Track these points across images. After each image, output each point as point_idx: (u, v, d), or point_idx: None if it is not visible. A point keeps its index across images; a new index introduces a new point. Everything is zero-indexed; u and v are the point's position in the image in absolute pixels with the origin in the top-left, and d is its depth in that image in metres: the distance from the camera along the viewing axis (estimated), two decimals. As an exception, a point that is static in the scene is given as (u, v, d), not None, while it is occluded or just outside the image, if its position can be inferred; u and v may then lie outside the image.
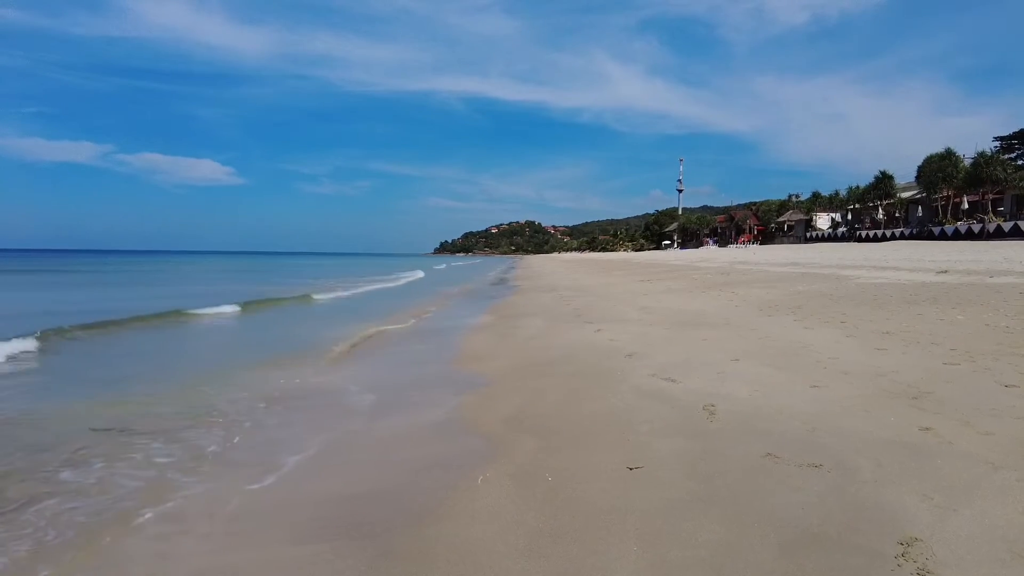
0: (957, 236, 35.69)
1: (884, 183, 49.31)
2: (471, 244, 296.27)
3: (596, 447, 3.79)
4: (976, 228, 35.40)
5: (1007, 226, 33.65)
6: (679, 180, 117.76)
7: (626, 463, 3.44)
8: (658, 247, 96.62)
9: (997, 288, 9.64)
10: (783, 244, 59.65)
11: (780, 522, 2.63)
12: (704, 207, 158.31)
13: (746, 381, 5.00)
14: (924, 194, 45.14)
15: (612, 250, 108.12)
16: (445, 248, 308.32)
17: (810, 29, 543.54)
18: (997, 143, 51.11)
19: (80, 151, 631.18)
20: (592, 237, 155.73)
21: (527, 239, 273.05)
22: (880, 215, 50.08)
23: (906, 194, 48.72)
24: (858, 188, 53.09)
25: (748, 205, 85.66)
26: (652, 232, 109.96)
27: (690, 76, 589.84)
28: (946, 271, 13.21)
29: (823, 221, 62.29)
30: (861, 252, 26.46)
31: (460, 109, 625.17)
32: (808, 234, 61.65)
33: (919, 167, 44.44)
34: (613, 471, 3.36)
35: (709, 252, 52.42)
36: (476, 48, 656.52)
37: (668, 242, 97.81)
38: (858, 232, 50.00)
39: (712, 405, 4.37)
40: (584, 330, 8.81)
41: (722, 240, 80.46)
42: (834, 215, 59.79)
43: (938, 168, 42.01)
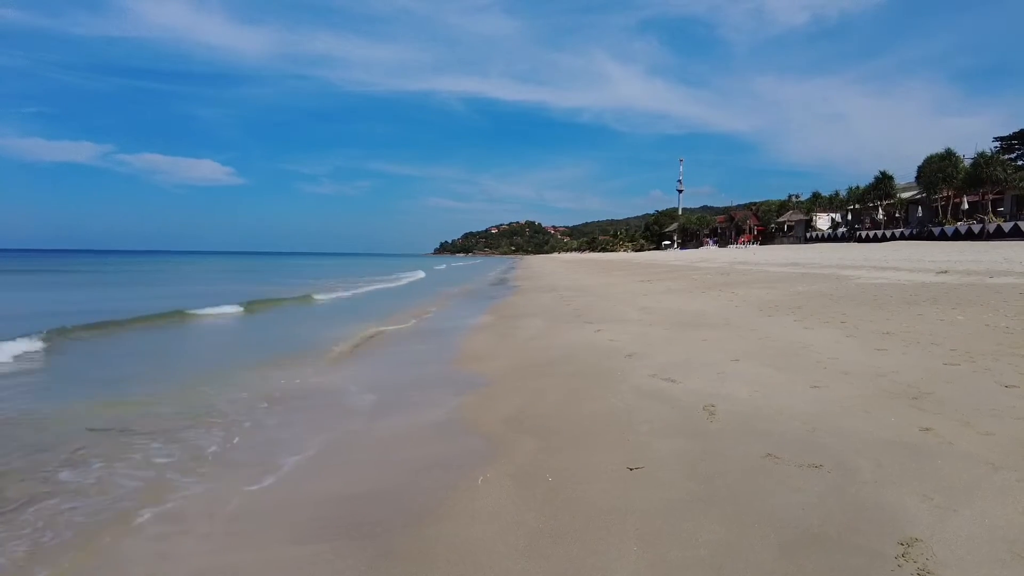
0: (957, 236, 35.71)
1: (884, 183, 49.33)
2: (471, 244, 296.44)
3: (596, 447, 3.79)
4: (976, 228, 35.42)
5: (1007, 226, 33.67)
6: (679, 180, 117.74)
7: (626, 463, 3.44)
8: (658, 247, 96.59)
9: (997, 288, 9.64)
10: (783, 244, 59.66)
11: (780, 522, 2.63)
12: (704, 207, 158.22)
13: (746, 381, 5.00)
14: (924, 194, 45.15)
15: (612, 250, 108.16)
16: (445, 248, 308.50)
17: (810, 29, 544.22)
18: (997, 143, 51.03)
19: (80, 151, 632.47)
20: (592, 237, 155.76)
21: (527, 239, 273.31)
22: (880, 215, 50.07)
23: (906, 194, 48.74)
24: (858, 188, 53.10)
25: (748, 205, 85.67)
26: (652, 232, 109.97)
27: (690, 76, 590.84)
28: (946, 271, 13.20)
29: (823, 221, 62.29)
30: (861, 252, 26.47)
31: (460, 109, 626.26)
32: (808, 234, 61.66)
33: (919, 167, 44.47)
34: (613, 471, 3.36)
35: (709, 252, 52.42)
36: (476, 48, 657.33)
37: (668, 242, 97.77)
38: (858, 232, 50.01)
39: (712, 405, 4.37)
40: (584, 330, 8.80)
41: (722, 240, 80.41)
42: (834, 215, 59.77)
43: (938, 168, 42.02)
